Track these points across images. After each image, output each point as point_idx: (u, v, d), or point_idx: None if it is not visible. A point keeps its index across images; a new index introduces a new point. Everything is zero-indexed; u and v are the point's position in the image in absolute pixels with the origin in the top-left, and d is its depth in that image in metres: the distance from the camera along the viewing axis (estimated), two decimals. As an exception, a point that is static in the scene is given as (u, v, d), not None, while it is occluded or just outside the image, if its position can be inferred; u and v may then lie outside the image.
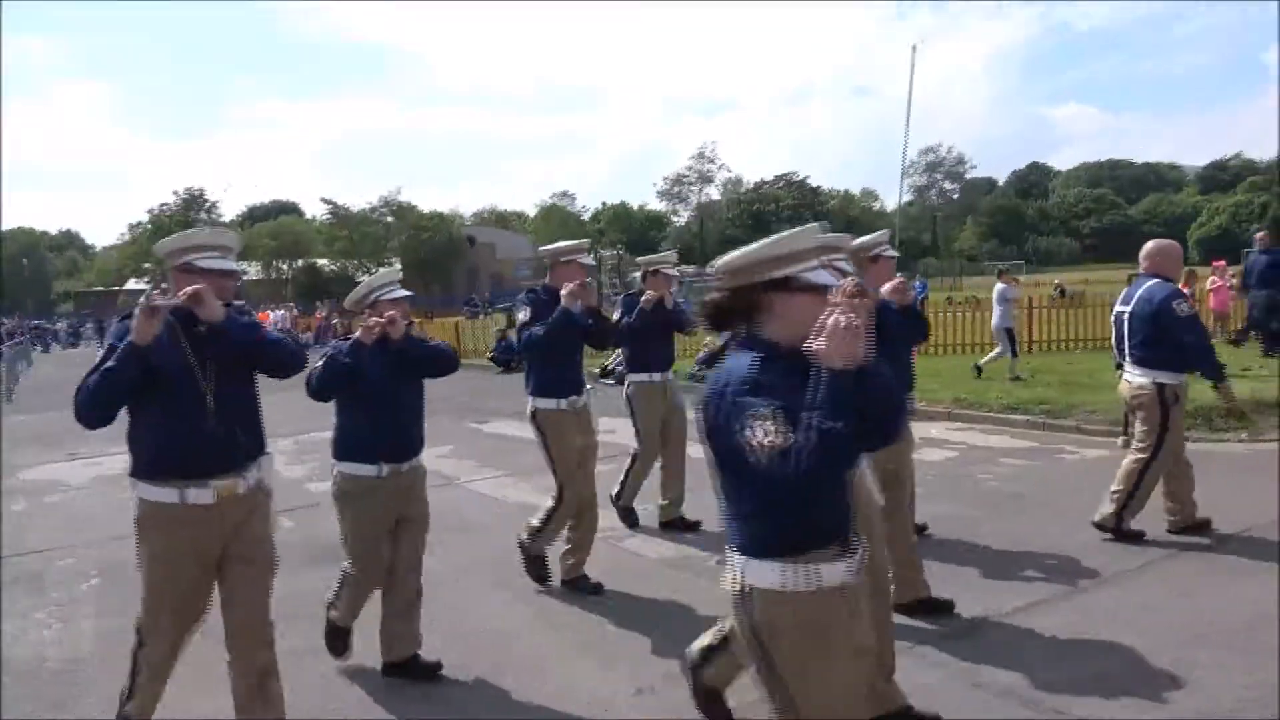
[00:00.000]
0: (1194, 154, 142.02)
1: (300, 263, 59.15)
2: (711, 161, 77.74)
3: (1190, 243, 59.39)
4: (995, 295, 12.79)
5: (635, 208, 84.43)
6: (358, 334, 3.76)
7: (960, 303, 24.83)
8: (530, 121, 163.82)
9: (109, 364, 2.82)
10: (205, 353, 3.01)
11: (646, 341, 6.03)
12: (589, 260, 5.17)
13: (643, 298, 5.88)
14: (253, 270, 57.43)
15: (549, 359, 4.83)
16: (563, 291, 4.62)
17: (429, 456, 4.16)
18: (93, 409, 2.88)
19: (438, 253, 57.39)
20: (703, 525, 5.97)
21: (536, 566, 5.11)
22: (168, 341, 2.90)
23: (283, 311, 33.17)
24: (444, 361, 4.06)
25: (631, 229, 77.71)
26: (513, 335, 18.07)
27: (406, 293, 4.01)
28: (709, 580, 4.12)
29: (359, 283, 4.13)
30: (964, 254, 78.39)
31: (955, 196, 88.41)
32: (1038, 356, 14.66)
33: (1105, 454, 7.51)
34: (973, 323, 16.30)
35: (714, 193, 79.31)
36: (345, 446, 3.92)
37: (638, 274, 6.75)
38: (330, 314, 34.95)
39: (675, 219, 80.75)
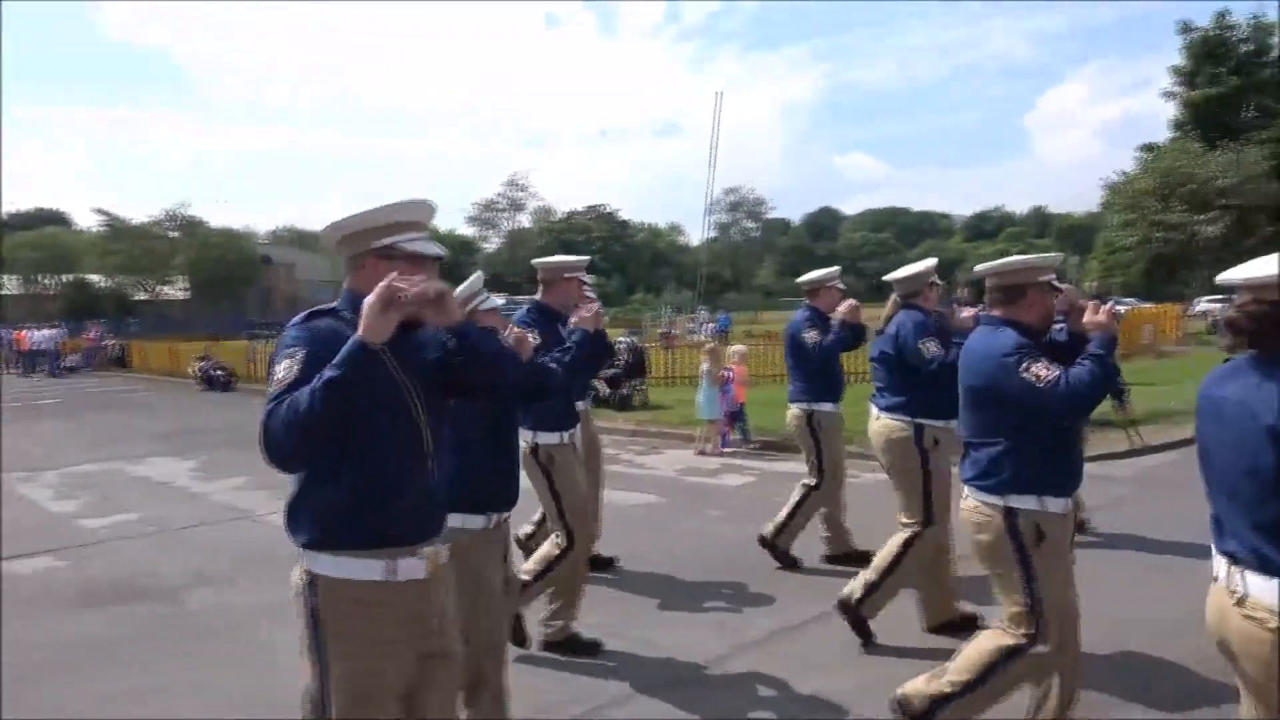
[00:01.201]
0: (962, 205, 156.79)
1: (68, 277, 53.79)
2: (523, 189, 77.89)
3: (959, 284, 65.32)
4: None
5: (444, 232, 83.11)
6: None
7: (759, 335, 26.06)
8: (335, 140, 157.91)
9: (329, 374, 1.96)
10: (411, 373, 2.22)
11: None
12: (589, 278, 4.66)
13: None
14: (10, 284, 51.72)
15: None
16: (581, 314, 4.06)
17: (218, 490, 3.90)
18: (306, 436, 1.97)
19: (229, 272, 53.92)
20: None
21: (517, 631, 4.17)
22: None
23: (49, 331, 29.85)
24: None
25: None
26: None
27: (500, 300, 3.29)
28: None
29: (136, 301, 3.54)
30: (763, 289, 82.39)
31: (756, 235, 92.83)
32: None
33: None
34: (771, 355, 17.13)
35: (525, 220, 79.43)
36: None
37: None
38: (102, 334, 31.95)
39: (485, 245, 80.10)
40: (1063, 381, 2.80)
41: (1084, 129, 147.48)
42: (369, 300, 1.99)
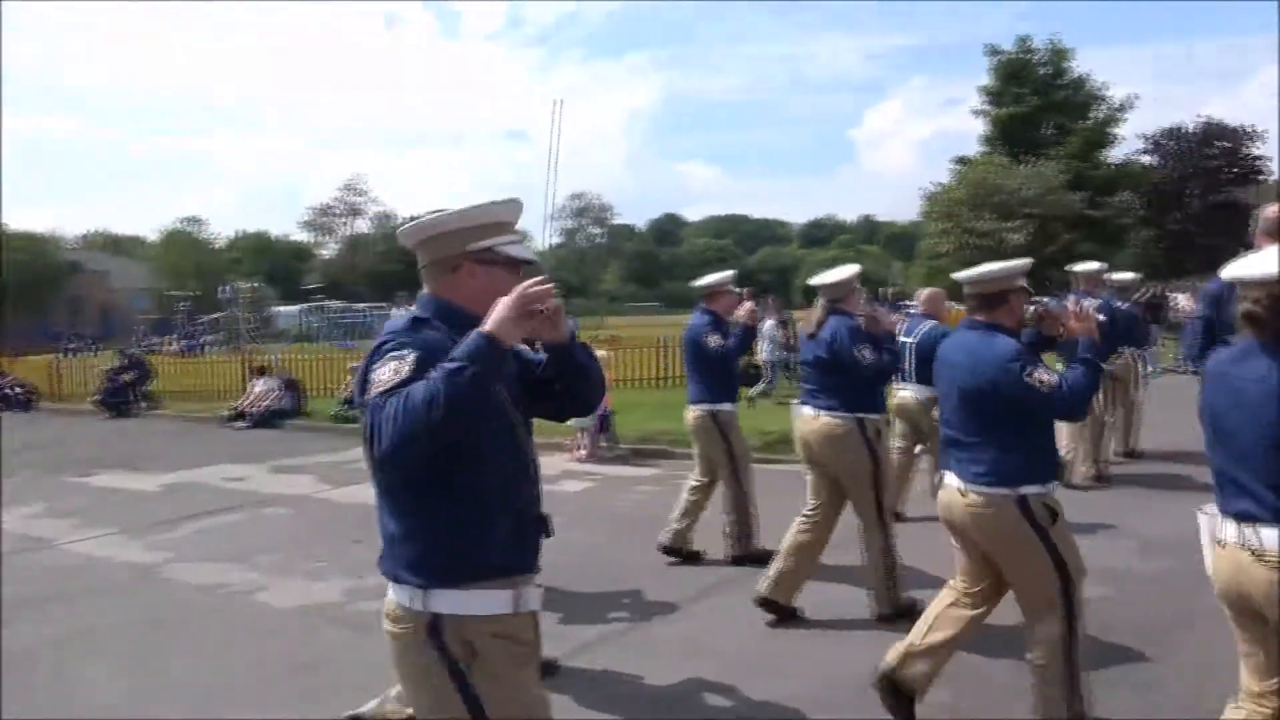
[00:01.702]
0: (797, 212, 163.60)
1: None
2: (361, 194, 75.10)
3: (796, 289, 68.16)
4: (765, 330, 13.63)
5: (275, 237, 79.27)
6: None
7: (604, 340, 26.18)
8: (149, 139, 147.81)
9: (454, 364, 1.74)
10: (508, 389, 2.00)
11: None
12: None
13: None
14: None
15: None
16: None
17: (12, 519, 3.55)
18: (431, 430, 1.72)
19: (30, 279, 49.38)
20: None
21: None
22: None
23: None
24: None
25: (274, 261, 72.73)
26: (125, 377, 16.08)
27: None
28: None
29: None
30: (609, 294, 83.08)
31: (601, 241, 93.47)
32: (676, 390, 15.85)
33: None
34: (616, 360, 17.20)
35: (364, 226, 76.72)
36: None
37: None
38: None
39: (321, 251, 76.79)
40: (1063, 387, 3.14)
41: (906, 142, 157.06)
42: (506, 302, 1.82)
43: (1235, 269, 2.44)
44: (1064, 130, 33.20)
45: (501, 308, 1.82)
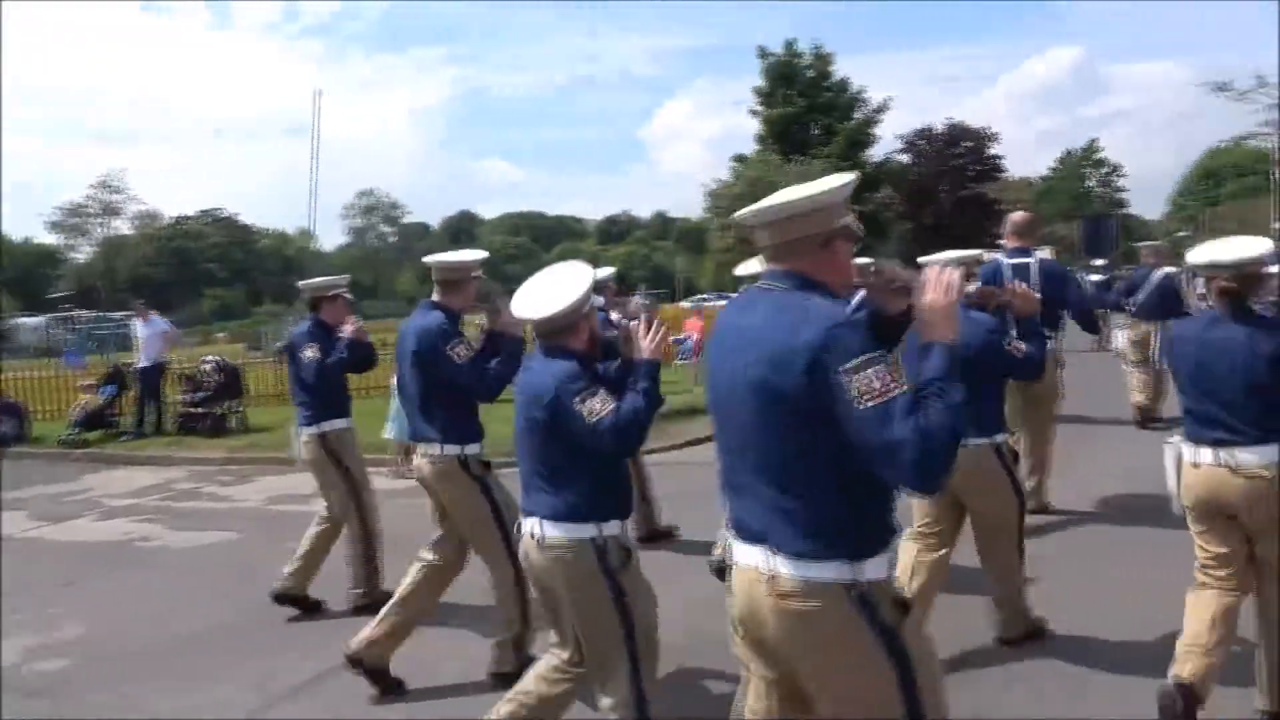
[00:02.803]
0: (594, 209, 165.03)
1: None
2: (118, 191, 68.58)
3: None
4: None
5: (18, 241, 70.98)
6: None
7: (391, 343, 25.21)
8: None
9: (947, 386, 1.93)
10: None
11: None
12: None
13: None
14: None
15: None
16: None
17: None
18: (952, 446, 1.91)
19: None
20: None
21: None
22: None
23: None
24: None
25: (14, 266, 65.14)
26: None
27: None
28: None
29: None
30: (406, 296, 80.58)
31: (393, 240, 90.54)
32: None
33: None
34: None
35: (123, 226, 70.17)
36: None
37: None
38: None
39: (74, 255, 69.52)
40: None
41: (694, 141, 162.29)
42: (940, 295, 1.98)
43: (1206, 254, 3.20)
44: (830, 131, 35.40)
45: (942, 309, 1.98)
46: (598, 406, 2.64)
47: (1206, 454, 3.11)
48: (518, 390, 2.95)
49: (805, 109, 35.51)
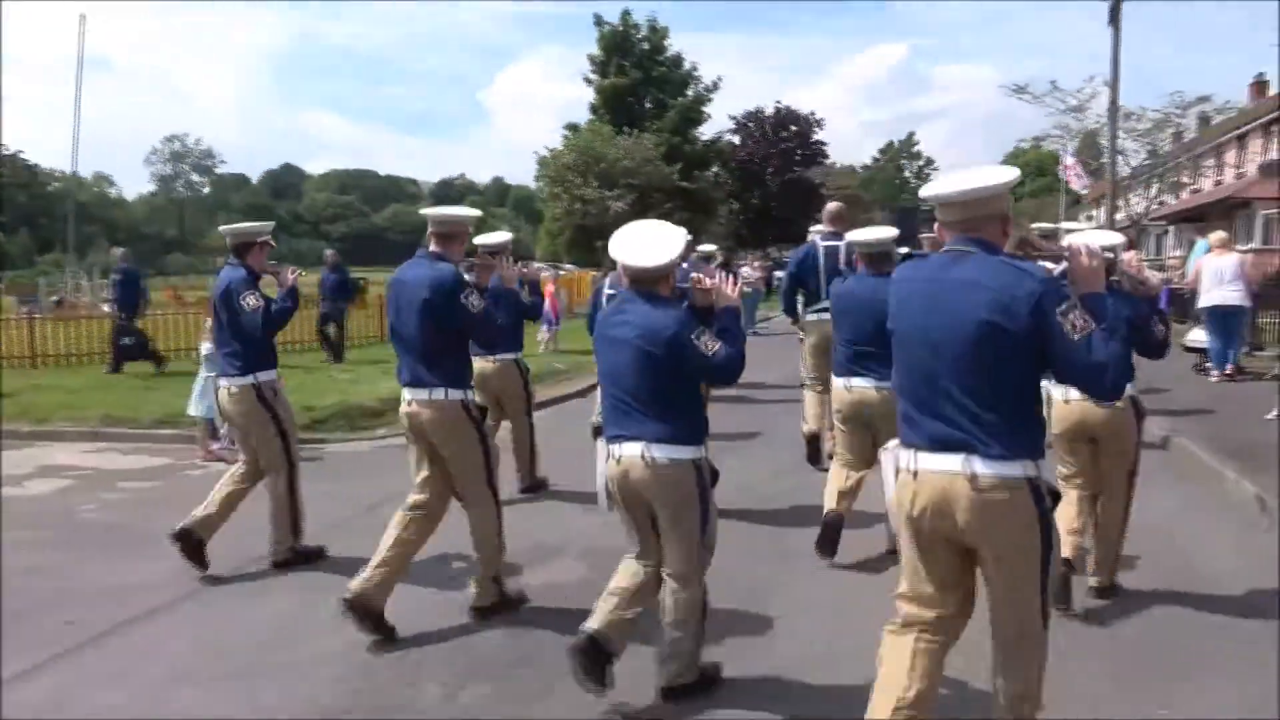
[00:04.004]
0: (428, 171, 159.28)
1: None
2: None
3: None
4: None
5: None
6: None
7: (193, 302, 23.02)
8: None
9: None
10: None
11: None
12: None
13: None
14: None
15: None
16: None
17: None
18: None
19: None
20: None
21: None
22: None
23: None
24: None
25: None
26: None
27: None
28: None
29: None
30: (220, 251, 75.51)
31: (205, 191, 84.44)
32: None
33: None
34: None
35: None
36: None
37: None
38: None
39: None
40: None
41: (536, 108, 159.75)
42: (1091, 260, 2.61)
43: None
44: (662, 105, 35.32)
45: (1093, 275, 2.60)
46: (712, 343, 3.15)
47: (1075, 393, 3.90)
48: (614, 327, 3.29)
49: (639, 81, 35.22)
